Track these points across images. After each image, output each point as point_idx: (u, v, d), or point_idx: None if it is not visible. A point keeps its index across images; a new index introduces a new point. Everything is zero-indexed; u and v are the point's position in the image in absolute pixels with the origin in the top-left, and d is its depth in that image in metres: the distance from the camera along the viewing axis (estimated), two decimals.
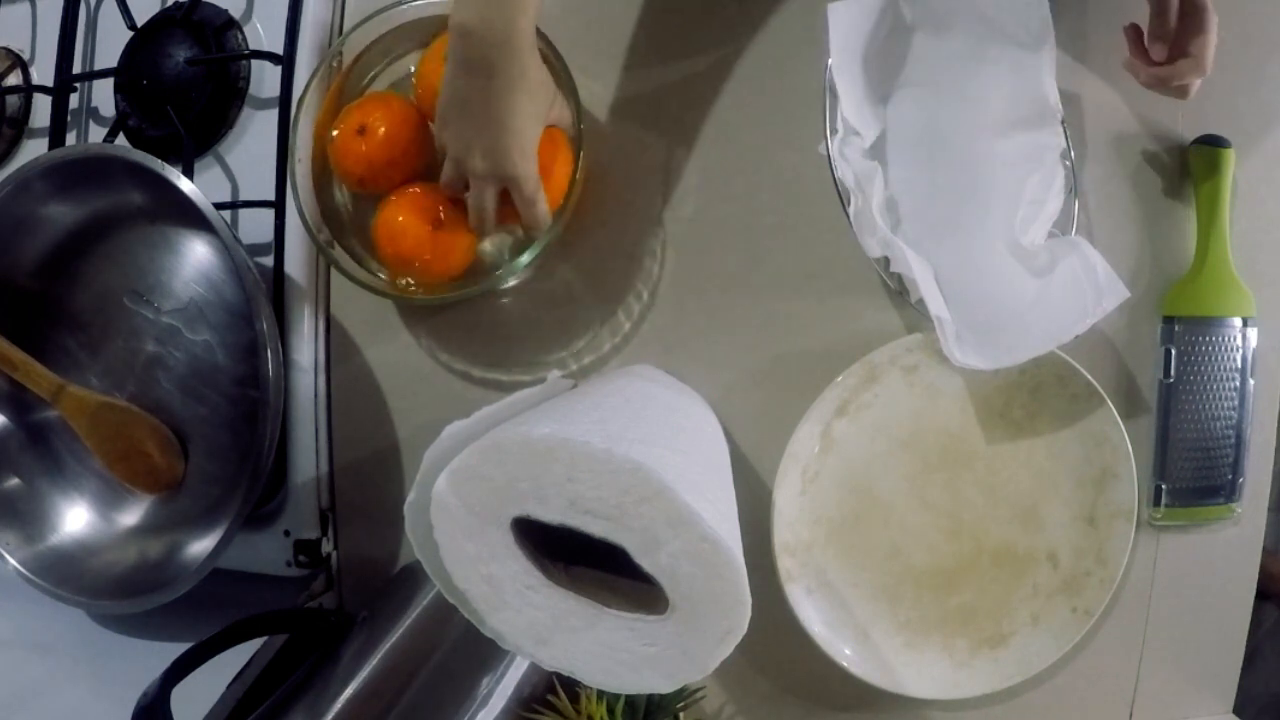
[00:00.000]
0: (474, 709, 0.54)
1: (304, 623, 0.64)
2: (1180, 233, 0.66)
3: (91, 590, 0.64)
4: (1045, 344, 0.58)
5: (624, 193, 0.66)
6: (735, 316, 0.66)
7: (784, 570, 0.62)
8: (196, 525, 0.64)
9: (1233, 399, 0.65)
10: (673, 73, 0.66)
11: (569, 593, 0.44)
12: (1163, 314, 0.65)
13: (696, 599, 0.42)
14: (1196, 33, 0.58)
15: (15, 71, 0.74)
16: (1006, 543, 0.65)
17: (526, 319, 0.67)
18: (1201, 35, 0.58)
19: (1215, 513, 0.66)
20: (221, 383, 0.65)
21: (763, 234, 0.66)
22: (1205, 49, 0.58)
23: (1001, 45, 0.60)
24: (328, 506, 0.69)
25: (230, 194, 0.68)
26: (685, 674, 0.44)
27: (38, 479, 0.69)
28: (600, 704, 0.57)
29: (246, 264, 0.60)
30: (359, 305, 0.68)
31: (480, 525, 0.43)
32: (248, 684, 0.59)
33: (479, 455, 0.42)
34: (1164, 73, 0.59)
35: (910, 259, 0.58)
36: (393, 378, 0.69)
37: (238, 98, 0.68)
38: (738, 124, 0.66)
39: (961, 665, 0.65)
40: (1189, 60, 0.58)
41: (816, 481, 0.64)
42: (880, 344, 0.62)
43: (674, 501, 0.40)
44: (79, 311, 0.68)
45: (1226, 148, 0.63)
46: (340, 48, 0.63)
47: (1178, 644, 0.68)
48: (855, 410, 0.63)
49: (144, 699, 0.50)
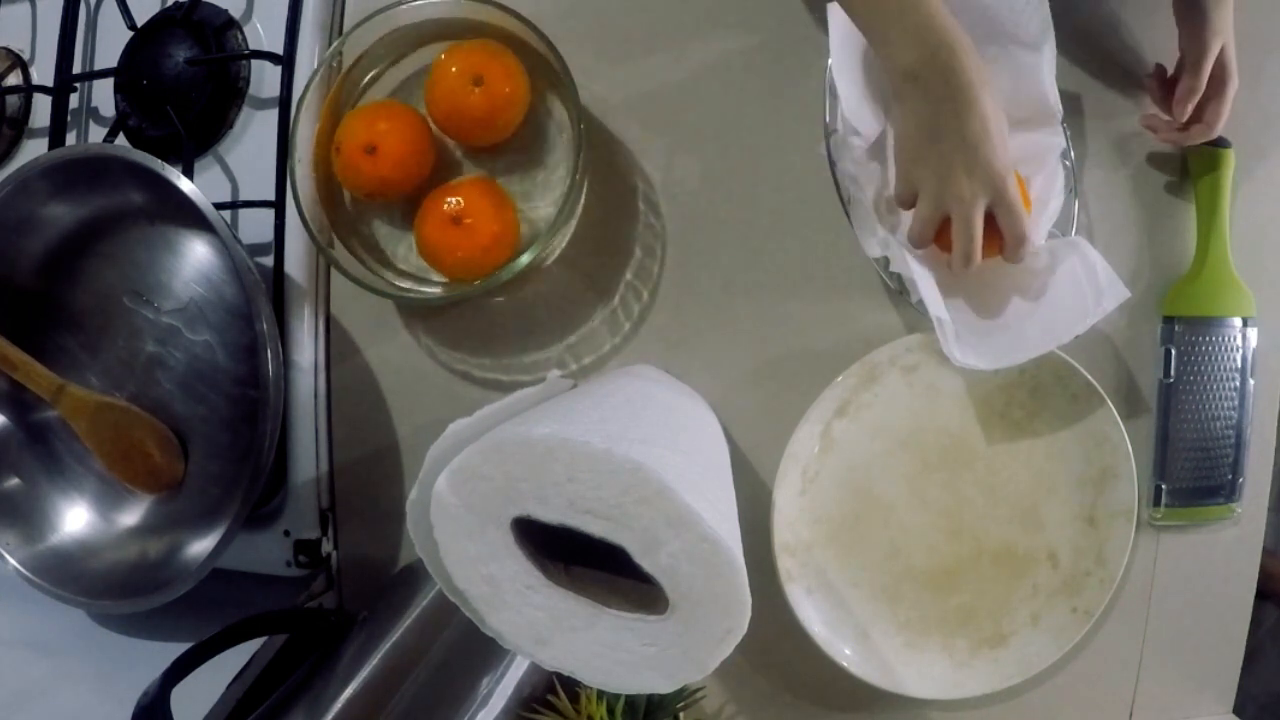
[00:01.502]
0: (474, 709, 0.54)
1: (304, 623, 0.64)
2: (1180, 233, 0.66)
3: (91, 590, 0.64)
4: (1045, 344, 0.58)
5: (624, 193, 0.66)
6: (735, 316, 0.66)
7: (784, 570, 0.62)
8: (196, 525, 0.64)
9: (1233, 399, 0.65)
10: (673, 73, 0.66)
11: (569, 593, 0.44)
12: (1163, 314, 0.65)
13: (696, 599, 0.42)
14: (1215, 98, 0.61)
15: (15, 71, 0.74)
16: (1006, 543, 0.65)
17: (526, 319, 0.67)
18: (1219, 101, 0.61)
19: (1215, 513, 0.66)
20: (221, 383, 0.65)
21: (763, 234, 0.66)
22: (1219, 116, 0.61)
23: (1002, 45, 0.60)
24: (328, 506, 0.69)
25: (230, 194, 0.68)
26: (685, 674, 0.44)
27: (38, 479, 0.69)
28: (600, 704, 0.57)
29: (246, 264, 0.60)
30: (359, 305, 0.68)
31: (480, 525, 0.43)
32: (248, 684, 0.59)
33: (479, 455, 0.42)
34: (1178, 137, 0.63)
35: (910, 260, 0.58)
36: (393, 378, 0.69)
37: (238, 98, 0.68)
38: (738, 124, 0.66)
39: (961, 665, 0.65)
40: (1202, 126, 0.62)
41: (816, 481, 0.64)
42: (880, 344, 0.62)
43: (674, 501, 0.40)
44: (79, 311, 0.68)
45: (1226, 148, 0.63)
46: (340, 48, 0.63)
47: (1178, 644, 0.68)
48: (855, 410, 0.63)
49: (144, 699, 0.50)
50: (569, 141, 0.64)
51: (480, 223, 0.61)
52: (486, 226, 0.61)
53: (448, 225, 0.61)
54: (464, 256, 0.61)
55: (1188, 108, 0.61)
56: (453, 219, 0.60)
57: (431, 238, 0.61)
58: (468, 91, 0.60)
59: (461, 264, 0.62)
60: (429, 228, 0.61)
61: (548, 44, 0.60)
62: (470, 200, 0.61)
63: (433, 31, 0.64)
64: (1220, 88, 0.61)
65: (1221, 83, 0.61)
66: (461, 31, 0.63)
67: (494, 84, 0.60)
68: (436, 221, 0.61)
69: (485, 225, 0.61)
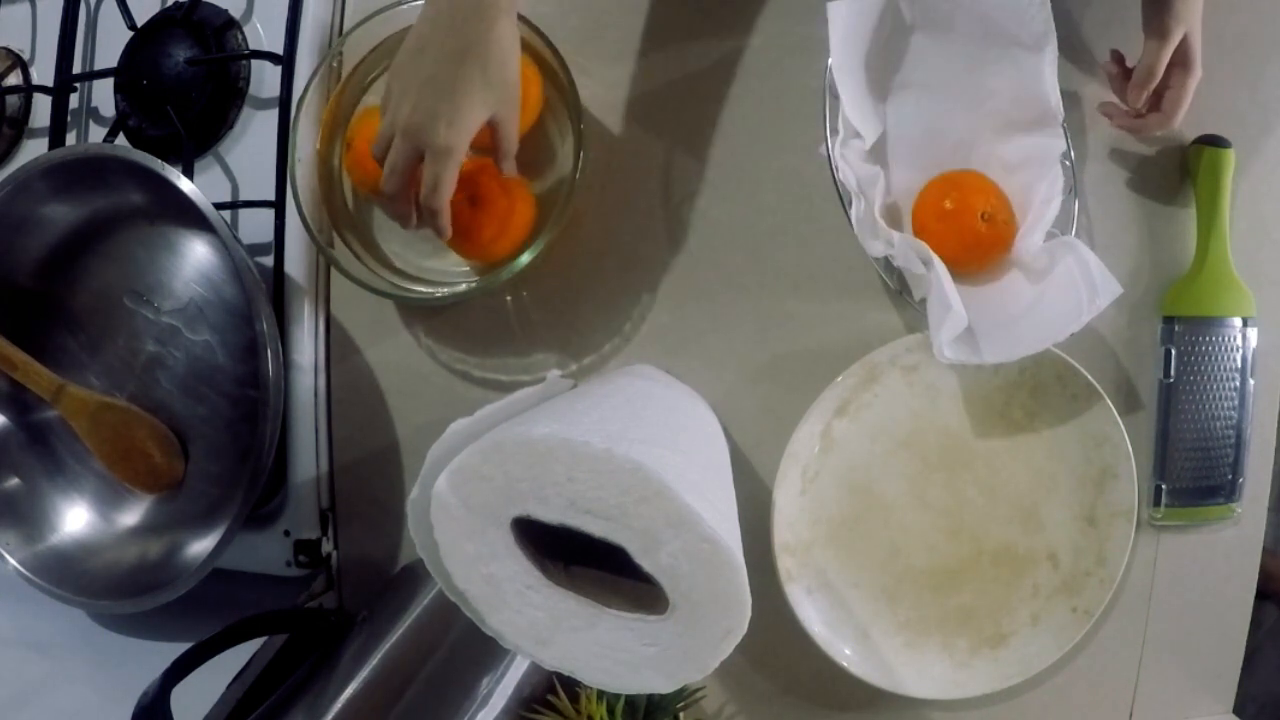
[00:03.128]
0: (474, 709, 0.54)
1: (304, 623, 0.64)
2: (1180, 233, 0.66)
3: (91, 590, 0.64)
4: (1041, 342, 0.58)
5: (624, 193, 0.66)
6: (735, 316, 0.66)
7: (784, 570, 0.62)
8: (196, 525, 0.64)
9: (1233, 399, 0.65)
10: (673, 73, 0.66)
11: (569, 593, 0.44)
12: (1163, 314, 0.65)
13: (696, 599, 0.42)
14: (1174, 88, 0.59)
15: (15, 71, 0.74)
16: (1006, 543, 0.65)
17: (526, 319, 0.67)
18: (1178, 90, 0.59)
19: (1215, 513, 0.66)
20: (221, 383, 0.65)
21: (763, 234, 0.66)
22: (1177, 106, 0.59)
23: (1003, 47, 0.60)
24: (328, 506, 0.69)
25: (230, 194, 0.68)
26: (685, 674, 0.44)
27: (38, 479, 0.69)
28: (600, 704, 0.57)
29: (246, 264, 0.60)
30: (359, 305, 0.68)
31: (480, 525, 0.43)
32: (248, 684, 0.59)
33: (479, 455, 0.42)
34: (1134, 125, 0.62)
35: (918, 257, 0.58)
36: (393, 378, 0.69)
37: (238, 98, 0.68)
38: (738, 124, 0.66)
39: (961, 665, 0.65)
40: (1159, 116, 0.60)
41: (816, 481, 0.64)
42: (880, 344, 0.62)
43: (674, 501, 0.40)
44: (79, 311, 0.68)
45: (1226, 148, 0.63)
46: (340, 48, 0.63)
47: (1178, 644, 0.68)
48: (855, 410, 0.63)
49: (144, 699, 0.50)
50: (569, 141, 0.64)
51: (493, 199, 0.61)
52: (502, 203, 0.61)
53: (464, 205, 0.61)
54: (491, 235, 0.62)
55: (1142, 95, 0.59)
56: (469, 199, 0.61)
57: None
58: None
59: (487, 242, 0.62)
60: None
61: (548, 44, 0.60)
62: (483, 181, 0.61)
63: None
64: (1180, 77, 0.59)
65: (1183, 71, 0.58)
66: None
67: None
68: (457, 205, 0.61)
69: (499, 201, 0.61)
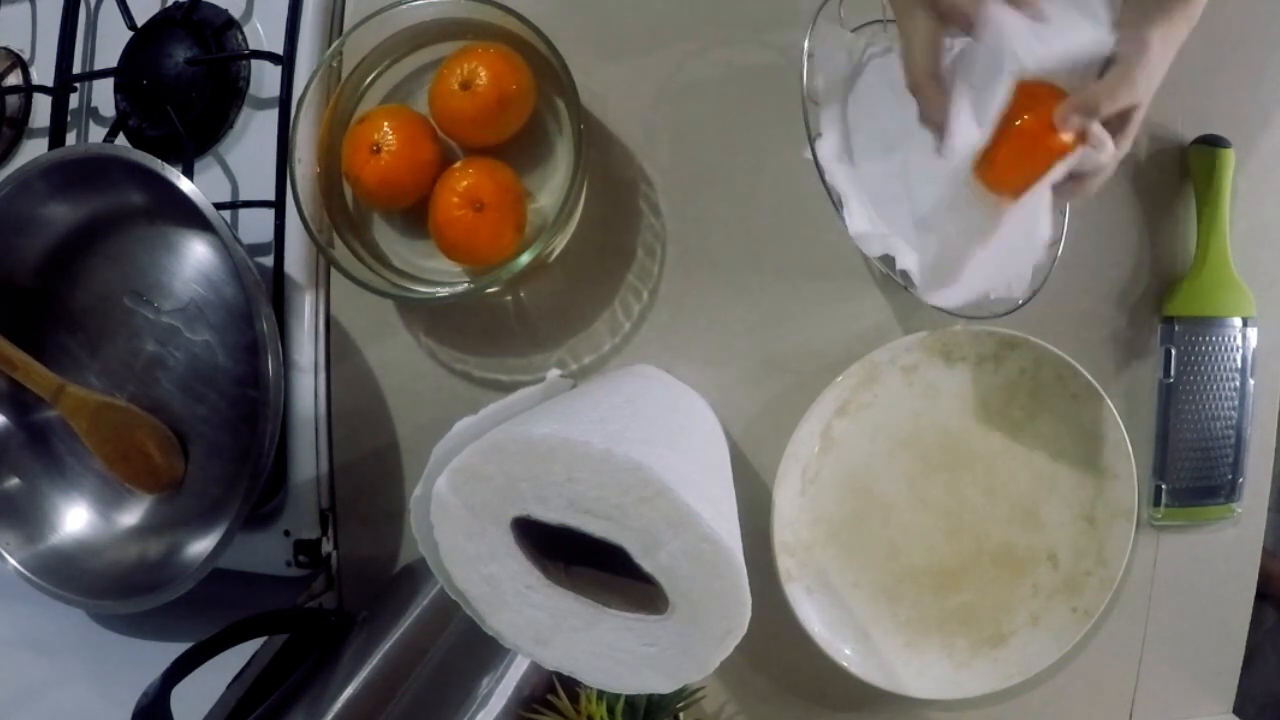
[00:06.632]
0: (474, 709, 0.54)
1: (304, 623, 0.64)
2: (1180, 233, 0.66)
3: (91, 590, 0.64)
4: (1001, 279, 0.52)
5: (624, 193, 0.66)
6: (735, 317, 0.66)
7: (784, 570, 0.62)
8: (196, 525, 0.64)
9: (1233, 399, 0.65)
10: (673, 73, 0.66)
11: (569, 593, 0.44)
12: (1163, 314, 0.65)
13: (696, 599, 0.42)
14: (1118, 129, 0.48)
15: (15, 71, 0.74)
16: (1006, 543, 0.65)
17: (526, 319, 0.67)
18: (1122, 133, 0.48)
19: (1215, 513, 0.66)
20: (221, 383, 0.65)
21: (763, 234, 0.66)
22: (1123, 144, 0.48)
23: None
24: (328, 506, 0.69)
25: (230, 194, 0.68)
26: (685, 674, 0.44)
27: (38, 479, 0.69)
28: (600, 704, 0.57)
29: (246, 264, 0.60)
30: (359, 305, 0.68)
31: (480, 525, 0.43)
32: (248, 684, 0.59)
33: (479, 455, 0.42)
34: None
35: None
36: (393, 378, 0.69)
37: (238, 98, 0.68)
38: (738, 124, 0.66)
39: (961, 665, 0.65)
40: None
41: (816, 481, 0.64)
42: (880, 344, 0.62)
43: (674, 501, 0.40)
44: (79, 311, 0.68)
45: (1226, 148, 0.63)
46: (340, 48, 0.63)
47: (1178, 644, 0.68)
48: (855, 410, 0.63)
49: (144, 699, 0.50)
50: (569, 141, 0.64)
51: (492, 201, 0.61)
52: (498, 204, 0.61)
53: (465, 207, 0.61)
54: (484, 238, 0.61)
55: (1069, 119, 0.46)
56: (470, 202, 0.60)
57: (442, 222, 0.61)
58: (470, 95, 0.60)
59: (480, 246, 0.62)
60: (441, 215, 0.61)
61: (548, 44, 0.60)
62: (480, 180, 0.61)
63: (433, 32, 0.64)
64: (1127, 116, 0.47)
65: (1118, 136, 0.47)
66: (462, 32, 0.64)
67: (501, 87, 0.60)
68: (447, 206, 0.61)
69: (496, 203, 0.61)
